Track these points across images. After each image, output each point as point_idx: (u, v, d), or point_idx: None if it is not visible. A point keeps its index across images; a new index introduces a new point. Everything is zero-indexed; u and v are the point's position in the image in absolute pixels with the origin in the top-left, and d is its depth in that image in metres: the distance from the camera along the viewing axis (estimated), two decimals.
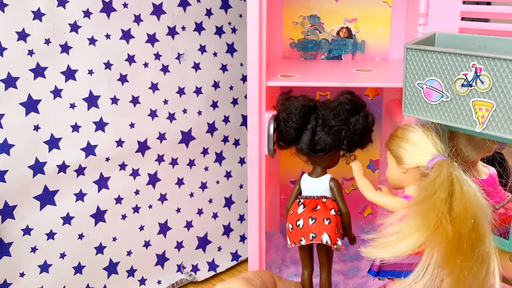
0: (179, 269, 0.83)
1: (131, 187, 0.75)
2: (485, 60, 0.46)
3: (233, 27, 0.81)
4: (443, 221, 0.45)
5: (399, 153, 0.53)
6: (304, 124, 0.60)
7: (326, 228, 0.59)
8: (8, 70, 0.61)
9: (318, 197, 0.61)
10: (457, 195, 0.46)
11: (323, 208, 0.60)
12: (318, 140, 0.59)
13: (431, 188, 0.47)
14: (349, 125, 0.58)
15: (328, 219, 0.59)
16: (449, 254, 0.45)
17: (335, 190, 0.61)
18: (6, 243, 0.64)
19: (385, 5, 0.76)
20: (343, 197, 0.60)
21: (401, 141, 0.53)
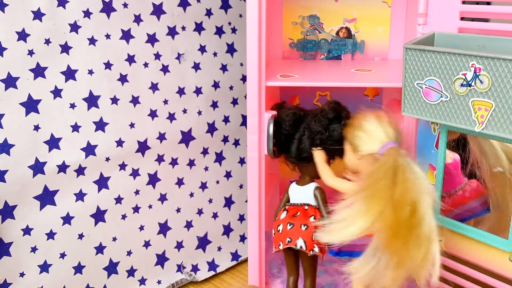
0: (179, 269, 0.83)
1: (131, 187, 0.75)
2: (484, 60, 0.46)
3: (233, 27, 0.81)
4: (386, 208, 0.47)
5: (354, 141, 0.57)
6: (293, 133, 0.64)
7: (302, 233, 0.62)
8: (8, 70, 0.61)
9: (301, 204, 0.65)
10: (398, 182, 0.48)
11: (303, 214, 0.63)
12: (303, 148, 0.63)
13: (375, 175, 0.50)
14: (327, 131, 0.61)
15: (305, 225, 0.62)
16: (390, 238, 0.48)
17: (318, 198, 0.64)
18: (6, 243, 0.64)
19: (385, 5, 0.76)
20: (327, 206, 0.62)
21: (356, 129, 0.57)
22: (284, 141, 0.64)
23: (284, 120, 0.64)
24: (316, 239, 0.61)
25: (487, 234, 0.53)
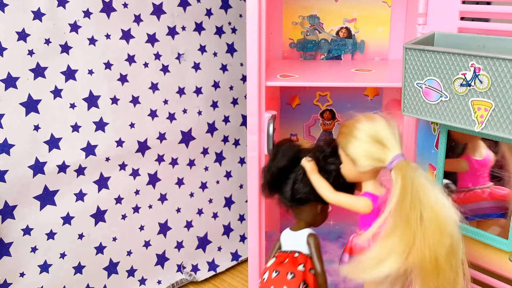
0: (179, 269, 0.83)
1: (131, 187, 0.75)
2: (484, 59, 0.46)
3: (233, 27, 0.81)
4: (419, 244, 0.43)
5: (352, 155, 0.51)
6: (289, 171, 0.58)
7: (287, 282, 0.56)
8: (8, 70, 0.61)
9: (291, 251, 0.59)
10: (427, 214, 0.43)
11: (291, 262, 0.58)
12: (297, 188, 0.58)
13: (401, 204, 0.45)
14: (325, 168, 0.57)
15: (292, 274, 0.57)
16: (429, 274, 0.44)
17: (311, 246, 0.58)
18: (6, 243, 0.64)
19: (385, 5, 0.76)
20: (320, 255, 0.58)
21: (353, 140, 0.50)
22: (277, 179, 0.59)
23: (285, 154, 0.58)
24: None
25: (487, 234, 0.53)
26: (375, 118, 0.50)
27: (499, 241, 0.52)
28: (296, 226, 0.60)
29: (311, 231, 0.59)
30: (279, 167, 0.58)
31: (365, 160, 0.50)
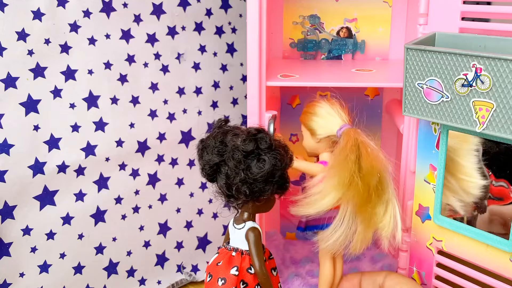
0: (179, 269, 0.83)
1: (131, 187, 0.75)
2: (485, 60, 0.46)
3: (233, 27, 0.81)
4: (355, 178, 0.55)
5: (311, 126, 0.63)
6: (219, 166, 0.53)
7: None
8: (8, 70, 0.61)
9: (230, 249, 0.55)
10: (364, 156, 0.55)
11: (225, 263, 0.54)
12: (232, 181, 0.51)
13: (343, 153, 0.56)
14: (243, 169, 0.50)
15: (223, 279, 0.53)
16: (362, 204, 0.56)
17: (249, 242, 0.53)
18: (6, 243, 0.64)
19: (385, 5, 0.76)
20: (259, 251, 0.53)
21: (313, 116, 0.63)
22: (212, 174, 0.53)
23: (211, 150, 0.52)
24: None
25: (488, 235, 0.53)
26: (326, 101, 0.63)
27: (500, 241, 0.52)
28: (238, 219, 0.55)
29: (253, 225, 0.54)
30: (210, 165, 0.53)
31: (321, 130, 0.62)
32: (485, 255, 0.55)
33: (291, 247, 0.82)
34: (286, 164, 0.52)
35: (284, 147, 0.53)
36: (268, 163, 0.50)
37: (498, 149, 0.51)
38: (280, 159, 0.51)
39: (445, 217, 0.57)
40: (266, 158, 0.50)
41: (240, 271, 0.53)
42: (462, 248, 0.57)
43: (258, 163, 0.50)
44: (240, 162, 0.50)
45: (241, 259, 0.54)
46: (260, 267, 0.53)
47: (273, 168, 0.50)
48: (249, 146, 0.50)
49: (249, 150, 0.50)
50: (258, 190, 0.51)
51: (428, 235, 0.60)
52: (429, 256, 0.61)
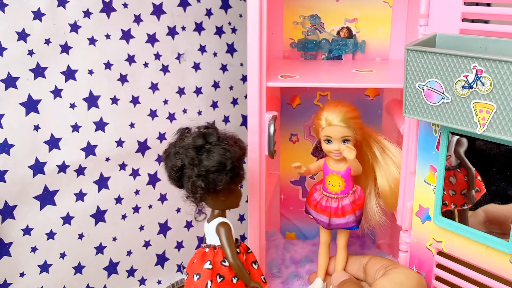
0: (179, 269, 0.83)
1: (131, 187, 0.75)
2: (486, 62, 0.46)
3: (233, 27, 0.81)
4: (380, 174, 0.66)
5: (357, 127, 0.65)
6: (182, 170, 0.55)
7: (194, 284, 0.54)
8: (8, 70, 0.61)
9: (204, 246, 0.57)
10: (387, 156, 0.67)
11: (199, 260, 0.55)
12: (194, 183, 0.53)
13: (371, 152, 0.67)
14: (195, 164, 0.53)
15: (198, 274, 0.54)
16: (388, 195, 0.66)
17: (220, 235, 0.55)
18: (6, 243, 0.64)
19: (386, 5, 0.76)
20: (230, 244, 0.54)
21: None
22: (177, 179, 0.56)
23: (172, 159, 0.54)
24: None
25: (488, 236, 0.53)
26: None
27: (500, 243, 0.52)
28: (210, 217, 0.57)
29: (222, 220, 0.56)
30: (175, 170, 0.55)
31: (360, 133, 0.64)
32: (485, 257, 0.55)
33: (291, 247, 0.82)
34: (235, 153, 0.54)
35: (234, 138, 0.55)
36: (217, 154, 0.52)
37: (498, 150, 0.51)
38: (229, 149, 0.53)
39: (445, 218, 0.57)
40: (214, 150, 0.53)
41: (213, 264, 0.55)
42: (462, 249, 0.57)
43: (208, 155, 0.53)
44: (194, 158, 0.53)
45: (214, 254, 0.55)
46: (233, 257, 0.54)
47: (223, 158, 0.52)
48: (198, 141, 0.53)
49: (198, 145, 0.53)
50: (212, 181, 0.53)
51: (428, 236, 0.60)
52: (429, 257, 0.61)
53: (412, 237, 0.62)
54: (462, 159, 0.55)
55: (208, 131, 0.55)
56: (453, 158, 0.56)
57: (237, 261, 0.55)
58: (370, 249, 0.80)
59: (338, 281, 0.65)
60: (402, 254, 0.64)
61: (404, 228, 0.64)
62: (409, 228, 0.63)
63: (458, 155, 0.56)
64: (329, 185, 0.65)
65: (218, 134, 0.55)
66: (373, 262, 0.64)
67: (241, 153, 0.55)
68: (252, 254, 0.59)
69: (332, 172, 0.65)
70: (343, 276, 0.65)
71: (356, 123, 0.63)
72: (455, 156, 0.56)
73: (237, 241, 0.57)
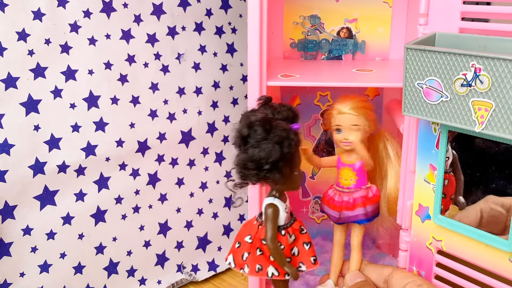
0: (179, 269, 0.83)
1: (131, 187, 0.75)
2: (484, 60, 0.46)
3: (233, 27, 0.81)
4: (389, 182, 0.66)
5: (372, 119, 0.65)
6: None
7: (234, 250, 0.58)
8: (8, 70, 0.61)
9: (258, 219, 0.59)
10: (394, 166, 0.67)
11: (243, 229, 0.58)
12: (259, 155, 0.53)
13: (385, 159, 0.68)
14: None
15: (239, 243, 0.58)
16: (391, 203, 0.65)
17: (264, 215, 0.56)
18: (6, 243, 0.64)
19: (386, 5, 0.76)
20: (270, 227, 0.55)
21: (371, 110, 0.66)
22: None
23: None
24: (247, 260, 0.57)
25: (487, 235, 0.53)
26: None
27: (499, 241, 0.52)
28: (269, 193, 0.58)
29: (272, 201, 0.56)
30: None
31: (373, 125, 0.65)
32: (485, 255, 0.55)
33: None
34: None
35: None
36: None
37: (497, 149, 0.51)
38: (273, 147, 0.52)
39: (445, 217, 0.57)
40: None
41: (254, 239, 0.57)
42: (461, 248, 0.57)
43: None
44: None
45: (258, 230, 0.57)
46: (268, 239, 0.55)
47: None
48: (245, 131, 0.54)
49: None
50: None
51: (428, 235, 0.60)
52: (429, 256, 0.61)
53: (412, 236, 0.62)
54: (456, 165, 0.56)
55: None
56: (448, 162, 0.56)
57: (273, 243, 0.55)
58: (370, 249, 0.80)
59: (353, 281, 0.63)
60: (402, 253, 0.64)
61: (404, 227, 0.63)
62: (409, 227, 0.63)
63: (454, 160, 0.56)
64: (341, 179, 0.66)
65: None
66: (400, 275, 0.60)
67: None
68: (306, 234, 0.59)
69: (344, 165, 0.65)
70: (358, 277, 0.63)
71: (368, 113, 0.64)
72: (452, 160, 0.56)
73: (291, 220, 0.58)
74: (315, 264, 0.59)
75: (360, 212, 0.64)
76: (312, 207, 0.85)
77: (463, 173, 0.56)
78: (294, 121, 0.56)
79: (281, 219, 0.57)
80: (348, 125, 0.63)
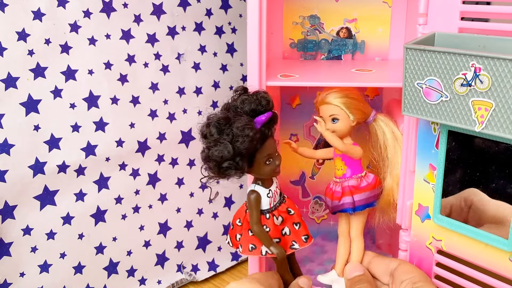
0: (179, 269, 0.83)
1: (131, 187, 0.75)
2: (484, 60, 0.46)
3: (233, 27, 0.81)
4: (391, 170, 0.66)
5: (358, 108, 0.65)
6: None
7: (230, 231, 0.63)
8: (8, 70, 0.61)
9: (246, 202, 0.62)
10: (395, 152, 0.67)
11: (235, 214, 0.63)
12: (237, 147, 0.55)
13: (392, 138, 0.67)
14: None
15: (232, 225, 0.63)
16: (389, 195, 0.66)
17: (248, 203, 0.60)
18: (6, 243, 0.64)
19: (385, 5, 0.76)
20: (251, 212, 0.59)
21: (355, 100, 0.65)
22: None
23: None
24: (240, 241, 0.61)
25: (487, 234, 0.53)
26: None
27: (499, 241, 0.52)
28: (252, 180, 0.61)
29: (252, 188, 0.60)
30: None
31: (361, 114, 0.64)
32: (484, 255, 0.55)
33: None
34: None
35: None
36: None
37: (497, 148, 0.51)
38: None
39: (445, 216, 0.57)
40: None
41: (243, 222, 0.61)
42: (461, 247, 0.57)
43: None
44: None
45: (245, 214, 0.61)
46: (251, 223, 0.59)
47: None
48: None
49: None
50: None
51: (427, 234, 0.60)
52: (428, 255, 0.61)
53: (411, 236, 0.63)
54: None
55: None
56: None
57: (256, 226, 0.59)
58: (370, 249, 0.80)
59: (351, 274, 0.62)
60: (402, 253, 0.64)
61: (404, 227, 0.64)
62: (409, 227, 0.63)
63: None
64: (335, 169, 0.67)
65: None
66: (403, 270, 0.59)
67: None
68: (294, 215, 0.61)
69: (336, 155, 0.66)
70: (357, 271, 0.62)
71: (350, 103, 0.63)
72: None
73: (277, 203, 0.61)
74: (307, 242, 0.61)
75: (346, 201, 0.64)
76: (312, 207, 0.85)
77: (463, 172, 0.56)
78: (267, 110, 0.58)
79: (264, 203, 0.60)
80: (327, 115, 0.64)
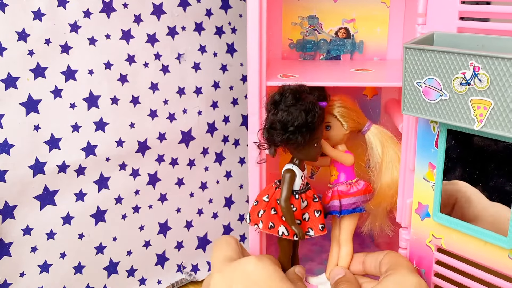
0: (179, 269, 0.83)
1: (131, 187, 0.75)
2: (483, 59, 0.47)
3: (233, 27, 0.81)
4: (384, 173, 0.66)
5: (351, 117, 0.66)
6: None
7: (252, 208, 0.64)
8: (8, 70, 0.61)
9: (275, 181, 0.64)
10: (390, 158, 0.66)
11: (262, 191, 0.65)
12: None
13: (389, 146, 0.67)
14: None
15: (256, 201, 0.64)
16: (383, 196, 0.65)
17: (282, 180, 0.62)
18: (6, 243, 0.64)
19: (383, 5, 0.76)
20: (285, 190, 0.61)
21: (349, 109, 0.66)
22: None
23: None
24: (262, 217, 0.62)
25: (486, 232, 0.54)
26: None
27: (498, 238, 0.53)
28: (289, 161, 0.63)
29: (289, 167, 0.62)
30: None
31: (355, 123, 0.65)
32: (484, 252, 0.55)
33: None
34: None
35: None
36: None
37: (496, 146, 0.52)
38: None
39: (444, 214, 0.58)
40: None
41: (270, 199, 0.63)
42: (461, 245, 0.57)
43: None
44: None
45: (274, 191, 0.63)
46: (282, 199, 0.61)
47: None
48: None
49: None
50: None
51: (427, 232, 0.61)
52: (428, 253, 0.61)
53: (411, 234, 0.63)
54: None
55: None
56: None
57: (285, 203, 0.61)
58: (369, 248, 0.81)
59: (333, 279, 0.64)
60: (401, 251, 0.65)
61: (404, 226, 0.64)
62: (409, 225, 0.63)
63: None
64: (330, 175, 0.68)
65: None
66: (386, 261, 0.62)
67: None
68: (318, 203, 0.64)
69: (331, 162, 0.67)
70: (338, 274, 0.65)
71: (344, 112, 0.65)
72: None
73: (305, 187, 0.63)
74: (322, 231, 0.63)
75: (333, 204, 0.65)
76: None
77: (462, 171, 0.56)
78: (324, 101, 0.63)
79: (296, 184, 0.62)
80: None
